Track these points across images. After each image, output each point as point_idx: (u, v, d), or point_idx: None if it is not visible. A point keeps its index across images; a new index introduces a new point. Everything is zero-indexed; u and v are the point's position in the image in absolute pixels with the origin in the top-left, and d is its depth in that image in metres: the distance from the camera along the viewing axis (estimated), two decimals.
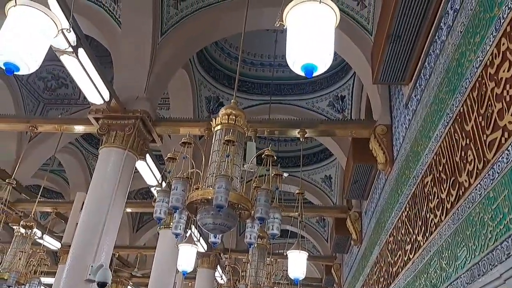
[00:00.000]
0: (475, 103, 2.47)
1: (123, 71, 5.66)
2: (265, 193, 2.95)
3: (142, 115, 5.33)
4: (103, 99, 4.86)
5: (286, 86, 9.25)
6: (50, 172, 12.34)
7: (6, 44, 1.83)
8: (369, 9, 5.71)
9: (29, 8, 1.98)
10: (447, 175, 2.92)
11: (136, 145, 5.43)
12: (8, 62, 1.77)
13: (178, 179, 2.93)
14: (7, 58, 1.79)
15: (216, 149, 3.27)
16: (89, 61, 4.23)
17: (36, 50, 1.91)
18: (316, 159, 11.58)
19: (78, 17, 5.96)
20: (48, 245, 8.94)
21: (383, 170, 5.12)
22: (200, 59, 8.21)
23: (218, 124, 3.35)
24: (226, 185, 2.77)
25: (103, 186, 5.04)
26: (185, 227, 3.46)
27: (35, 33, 1.91)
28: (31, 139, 9.18)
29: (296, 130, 5.43)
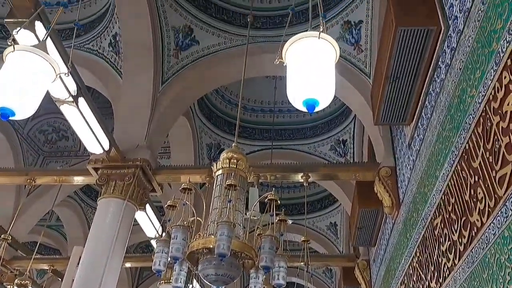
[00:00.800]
0: (481, 138, 2.41)
1: (124, 120, 5.68)
2: (269, 240, 2.82)
3: (142, 163, 5.28)
4: (103, 148, 4.82)
5: (287, 131, 9.27)
6: (48, 228, 12.12)
7: (2, 89, 1.80)
8: (366, 53, 5.83)
9: (27, 53, 1.97)
10: (458, 215, 2.80)
11: (136, 195, 5.32)
12: (4, 107, 1.73)
13: (178, 227, 2.81)
14: (3, 103, 1.75)
15: (217, 194, 3.17)
16: (89, 110, 4.24)
17: (33, 95, 1.88)
18: (320, 206, 11.38)
19: (80, 68, 6.08)
20: None
21: (390, 214, 4.97)
22: (201, 107, 8.29)
23: (219, 169, 3.28)
24: (229, 232, 2.65)
25: (101, 238, 4.88)
26: (186, 280, 3.30)
27: (32, 77, 1.89)
28: (29, 193, 9.10)
29: (299, 175, 5.34)
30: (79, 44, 6.45)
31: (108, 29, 6.14)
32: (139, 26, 5.58)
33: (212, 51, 6.27)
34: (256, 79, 8.82)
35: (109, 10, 6.11)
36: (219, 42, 6.31)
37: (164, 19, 5.85)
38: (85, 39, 6.45)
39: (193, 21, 6.13)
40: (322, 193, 11.21)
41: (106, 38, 6.19)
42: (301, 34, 2.08)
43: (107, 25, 6.16)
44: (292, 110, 9.37)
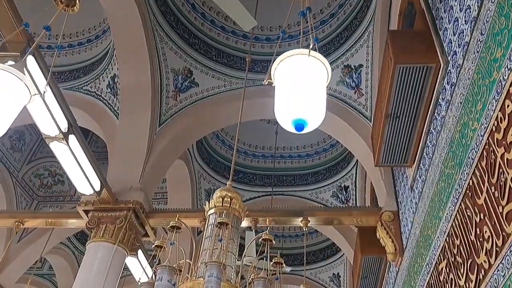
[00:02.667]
0: (485, 173, 2.26)
1: (118, 161, 5.57)
2: (262, 283, 2.60)
3: (134, 206, 5.09)
4: (93, 189, 4.67)
5: (288, 177, 9.11)
6: (39, 277, 11.66)
7: None
8: (366, 97, 5.81)
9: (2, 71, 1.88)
10: (463, 257, 2.59)
11: (127, 239, 5.09)
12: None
13: (163, 268, 2.60)
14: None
15: (208, 235, 2.98)
16: (80, 149, 4.14)
17: (4, 113, 1.77)
18: (322, 256, 10.97)
19: (77, 110, 6.08)
20: None
21: (393, 260, 4.70)
22: (200, 151, 8.20)
23: (211, 208, 3.11)
24: (218, 274, 2.45)
25: (88, 283, 4.59)
26: None
27: (4, 95, 1.79)
28: (20, 238, 8.81)
29: (299, 219, 5.12)
30: (78, 85, 6.49)
31: (107, 70, 6.19)
32: (137, 67, 5.61)
33: (211, 93, 6.28)
34: (257, 124, 8.82)
35: (108, 52, 6.19)
36: (218, 85, 6.33)
37: (163, 61, 5.91)
38: (84, 81, 6.49)
39: (193, 64, 6.19)
40: (324, 243, 10.84)
41: (105, 80, 6.23)
42: (290, 51, 2.00)
43: (106, 67, 6.22)
44: (294, 156, 9.28)
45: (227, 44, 6.54)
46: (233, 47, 6.55)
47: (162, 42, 5.89)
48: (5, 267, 8.31)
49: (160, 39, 5.87)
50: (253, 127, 8.71)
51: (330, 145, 8.84)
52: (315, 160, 8.99)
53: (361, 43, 5.76)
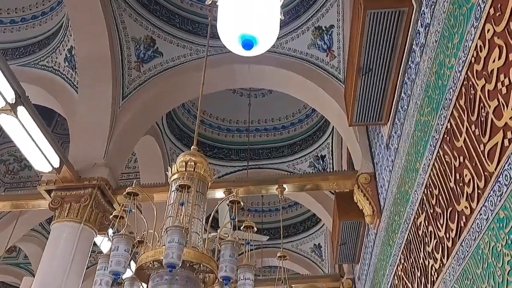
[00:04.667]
0: (464, 112, 2.09)
1: (80, 138, 5.23)
2: (230, 247, 2.39)
3: (99, 182, 4.80)
4: (52, 166, 4.34)
5: (264, 150, 8.93)
6: (14, 266, 11.30)
7: None
8: (339, 59, 5.60)
9: None
10: (443, 207, 2.44)
11: (94, 217, 4.81)
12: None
13: (119, 237, 2.36)
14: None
15: (171, 201, 2.75)
16: (32, 122, 3.80)
17: None
18: (303, 228, 10.96)
19: (35, 87, 5.69)
20: None
21: (371, 223, 4.60)
22: (171, 126, 7.89)
23: (174, 173, 2.87)
24: (179, 239, 2.22)
25: (52, 266, 4.32)
26: None
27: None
28: None
29: (274, 186, 4.94)
30: (33, 61, 6.04)
31: (63, 43, 5.77)
32: (94, 37, 5.22)
33: (177, 63, 5.94)
34: (229, 97, 8.55)
35: (63, 23, 5.76)
36: (184, 54, 5.99)
37: (123, 29, 5.52)
38: (40, 56, 6.05)
39: (155, 32, 5.82)
40: (304, 215, 10.83)
41: (61, 53, 5.81)
42: None
43: (62, 39, 5.79)
44: (269, 129, 9.08)
45: (191, 11, 6.17)
46: (198, 13, 6.19)
47: (120, 9, 5.50)
48: None
49: (118, 6, 5.47)
50: (225, 101, 8.43)
51: (305, 115, 8.67)
52: (291, 132, 8.82)
53: (331, 2, 5.51)
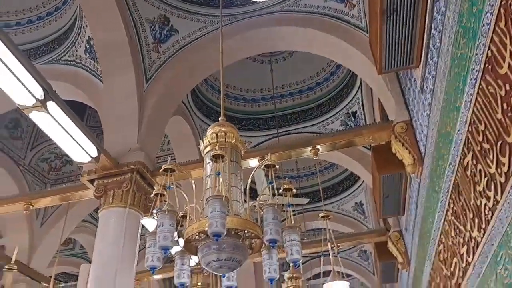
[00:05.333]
0: (506, 35, 1.92)
1: (111, 126, 5.32)
2: (271, 209, 2.37)
3: (137, 166, 4.89)
4: (90, 155, 4.44)
5: (292, 115, 8.81)
6: (72, 256, 11.92)
7: None
8: (358, 7, 5.35)
9: None
10: (491, 142, 2.31)
11: (138, 201, 4.94)
12: None
13: (163, 213, 2.39)
14: None
15: (208, 174, 2.75)
16: (64, 115, 3.87)
17: None
18: (342, 188, 10.90)
19: (61, 83, 5.78)
20: None
21: (413, 172, 4.47)
22: (198, 105, 7.89)
23: (206, 146, 2.86)
24: (221, 208, 2.22)
25: (105, 251, 4.50)
26: None
27: None
28: (42, 224, 8.85)
29: (308, 148, 4.87)
30: (56, 58, 6.13)
31: (80, 35, 5.80)
32: (109, 23, 5.21)
33: (193, 38, 5.87)
34: (250, 67, 8.43)
35: (77, 16, 5.77)
36: (199, 27, 5.90)
37: (135, 12, 5.48)
38: (61, 51, 6.13)
39: (168, 10, 5.74)
40: (342, 175, 10.75)
41: (81, 45, 5.85)
42: None
43: (78, 31, 5.82)
44: (294, 92, 8.93)
45: None
46: None
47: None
48: (32, 253, 8.41)
49: None
50: (246, 71, 8.33)
51: (330, 73, 8.45)
52: (317, 92, 8.64)
53: None
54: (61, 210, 8.46)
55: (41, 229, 8.70)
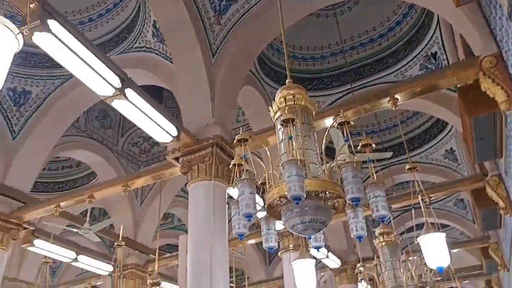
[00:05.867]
0: None
1: (187, 105, 5.52)
2: (350, 168, 2.31)
3: (216, 140, 5.05)
4: (171, 135, 4.67)
5: (365, 66, 8.38)
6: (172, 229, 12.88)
7: None
8: None
9: None
10: None
11: (221, 172, 5.12)
12: None
13: (242, 181, 2.44)
14: None
15: (281, 139, 2.74)
16: (142, 100, 4.09)
17: None
18: (429, 136, 10.26)
19: (135, 70, 6.08)
20: None
21: (509, 109, 4.04)
22: (266, 72, 7.84)
23: (276, 112, 2.83)
24: (297, 171, 2.21)
25: (198, 222, 4.78)
26: None
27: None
28: (142, 202, 9.66)
29: (385, 99, 4.61)
30: (127, 47, 6.44)
31: (146, 20, 6.00)
32: (170, 3, 5.30)
33: (252, 4, 5.76)
34: (315, 23, 8.10)
35: (141, 3, 5.96)
36: None
37: None
38: (131, 40, 6.42)
39: None
40: (427, 123, 10.10)
41: (148, 30, 6.07)
42: None
43: (144, 16, 6.03)
44: (365, 42, 8.44)
45: None
46: None
47: None
48: (138, 229, 9.27)
49: None
50: (311, 29, 8.03)
51: (402, 15, 7.83)
52: (390, 38, 8.08)
53: None
54: (156, 188, 9.13)
55: (141, 207, 9.51)
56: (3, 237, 6.14)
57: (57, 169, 10.56)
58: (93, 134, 9.10)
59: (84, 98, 6.77)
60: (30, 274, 10.24)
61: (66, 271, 13.23)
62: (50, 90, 6.87)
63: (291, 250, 7.58)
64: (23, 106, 6.78)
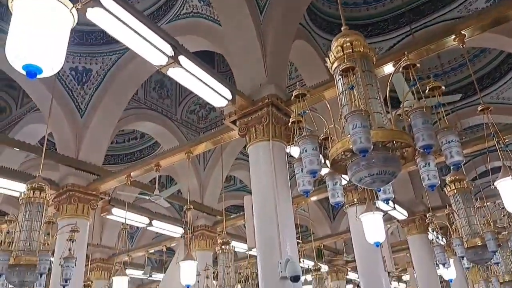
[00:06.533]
0: None
1: (239, 66, 5.46)
2: (420, 114, 2.16)
3: (270, 100, 4.98)
4: (226, 98, 4.67)
5: (425, 4, 7.75)
6: (234, 191, 13.26)
7: (20, 44, 1.56)
8: None
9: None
10: None
11: (279, 132, 5.08)
12: (28, 65, 1.51)
13: (303, 139, 2.39)
14: (26, 60, 1.51)
15: (341, 90, 2.62)
16: (195, 66, 4.10)
17: (56, 45, 1.63)
18: (499, 74, 9.47)
19: (185, 38, 6.08)
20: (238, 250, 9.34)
21: None
22: (317, 23, 7.53)
23: (333, 62, 2.70)
24: (362, 122, 2.12)
25: (261, 183, 4.83)
26: None
27: (50, 24, 1.62)
28: (205, 167, 9.98)
29: (451, 37, 4.23)
30: (175, 15, 6.43)
31: None
32: None
33: None
34: None
35: None
36: None
37: None
38: (179, 7, 6.40)
39: None
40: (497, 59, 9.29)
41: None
42: None
43: None
44: None
45: None
46: None
47: None
48: (204, 193, 9.64)
49: None
50: None
51: None
52: None
53: None
54: (217, 153, 9.36)
55: (205, 172, 9.83)
56: (83, 208, 6.65)
57: (124, 141, 11.15)
58: (152, 105, 9.41)
59: (140, 71, 6.95)
60: (111, 239, 11.15)
61: (143, 235, 14.23)
62: (109, 66, 7.11)
63: (356, 204, 7.52)
64: (86, 84, 7.11)
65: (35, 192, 3.78)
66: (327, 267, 13.37)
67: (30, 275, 3.41)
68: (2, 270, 3.32)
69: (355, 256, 7.56)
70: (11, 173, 6.09)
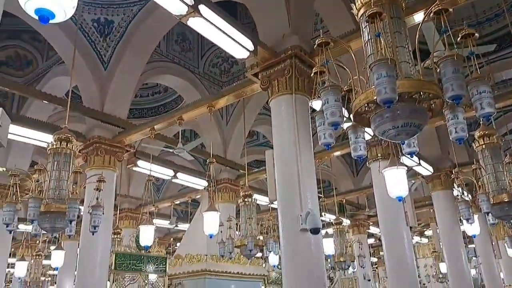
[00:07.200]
0: None
1: (262, 17, 5.30)
2: (450, 62, 2.03)
3: (294, 51, 4.83)
4: (247, 50, 4.56)
5: None
6: (256, 146, 13.31)
7: None
8: None
9: None
10: None
11: (302, 85, 4.97)
12: (41, 9, 1.48)
13: (325, 89, 2.31)
14: (39, 4, 1.47)
15: (367, 38, 2.49)
16: (216, 16, 3.97)
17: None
18: None
19: None
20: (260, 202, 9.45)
21: None
22: None
23: (360, 8, 2.55)
24: (387, 72, 2.02)
25: (283, 137, 4.81)
26: None
27: None
28: (228, 121, 9.99)
29: None
30: None
31: None
32: None
33: None
34: None
35: None
36: None
37: None
38: None
39: None
40: None
41: None
42: None
43: None
44: None
45: None
46: None
47: None
48: (227, 147, 9.72)
49: None
50: None
51: None
52: None
53: None
54: (239, 107, 9.31)
55: (228, 127, 9.86)
56: (110, 159, 6.83)
57: (147, 95, 11.20)
58: (174, 58, 9.33)
59: (161, 22, 6.83)
60: (138, 191, 11.52)
61: (169, 187, 14.65)
62: (130, 17, 7.01)
63: (379, 159, 7.44)
64: (108, 36, 7.07)
65: (62, 143, 3.86)
66: (348, 221, 13.51)
67: (60, 222, 3.56)
68: (34, 216, 3.47)
69: (377, 211, 7.59)
70: (39, 125, 6.26)
